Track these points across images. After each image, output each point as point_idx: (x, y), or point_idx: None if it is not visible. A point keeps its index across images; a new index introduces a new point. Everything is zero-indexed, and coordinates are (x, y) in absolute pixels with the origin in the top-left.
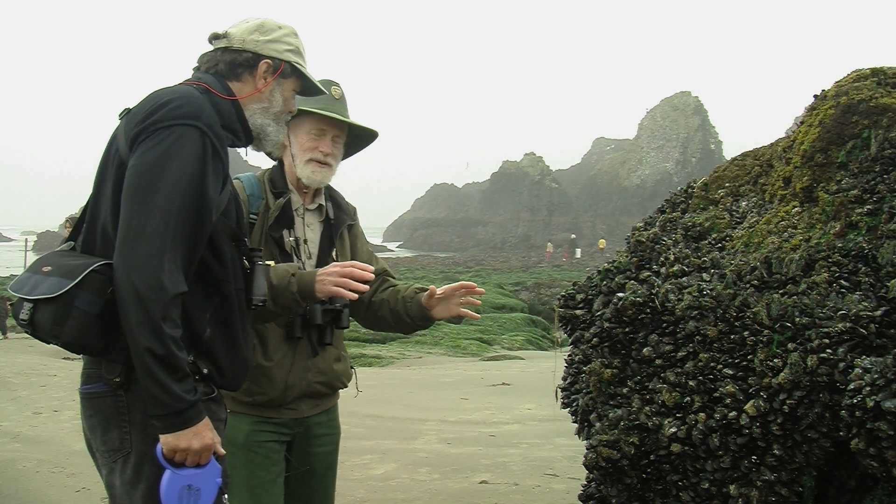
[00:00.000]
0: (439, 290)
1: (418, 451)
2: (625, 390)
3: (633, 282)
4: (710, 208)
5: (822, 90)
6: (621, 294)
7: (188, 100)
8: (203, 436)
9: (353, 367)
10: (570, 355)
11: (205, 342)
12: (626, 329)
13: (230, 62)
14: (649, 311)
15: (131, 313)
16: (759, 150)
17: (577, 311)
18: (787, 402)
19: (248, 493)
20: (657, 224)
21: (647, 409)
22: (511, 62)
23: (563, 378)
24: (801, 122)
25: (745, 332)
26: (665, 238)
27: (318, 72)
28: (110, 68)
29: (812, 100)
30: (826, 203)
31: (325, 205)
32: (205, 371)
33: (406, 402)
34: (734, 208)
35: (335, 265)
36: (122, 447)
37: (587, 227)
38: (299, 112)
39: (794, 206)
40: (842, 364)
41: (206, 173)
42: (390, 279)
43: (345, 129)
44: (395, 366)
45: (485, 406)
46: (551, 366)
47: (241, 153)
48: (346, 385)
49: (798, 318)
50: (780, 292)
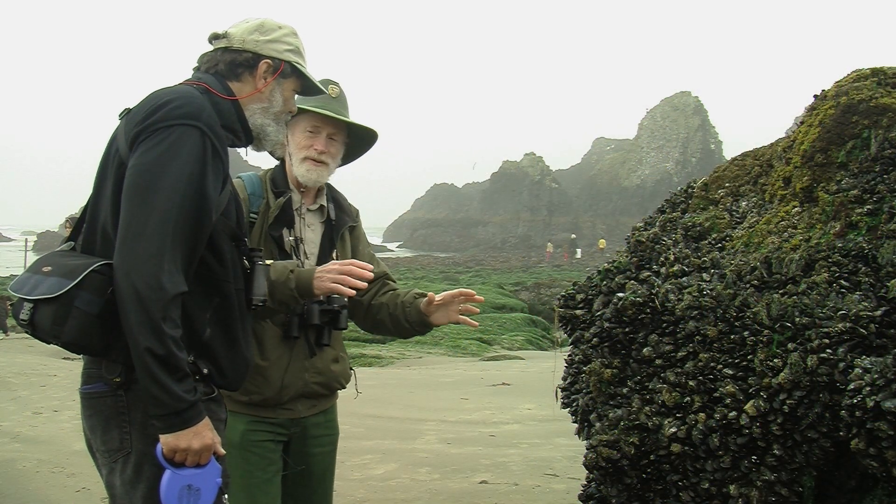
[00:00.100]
0: (438, 297)
1: (418, 451)
2: (625, 390)
3: (633, 282)
4: (710, 208)
5: (822, 90)
6: (621, 294)
7: (188, 100)
8: (203, 436)
9: (353, 368)
10: (570, 355)
11: (205, 342)
12: (626, 329)
13: (230, 62)
14: (649, 311)
15: (131, 313)
16: (759, 150)
17: (577, 311)
18: (787, 402)
19: (244, 492)
20: (657, 224)
21: (647, 409)
22: (511, 62)
23: (563, 378)
24: (801, 122)
25: (745, 332)
26: (665, 238)
27: (318, 72)
28: (110, 68)
29: (812, 100)
30: (826, 203)
31: (327, 206)
32: (205, 371)
33: (406, 402)
34: (734, 208)
35: (334, 263)
36: (122, 447)
37: (587, 227)
38: (297, 111)
39: (794, 206)
40: (842, 364)
41: (206, 173)
42: (390, 283)
43: (341, 128)
44: (395, 366)
45: (485, 406)
46: (551, 366)
47: (241, 153)
48: (344, 386)
49: (798, 318)
50: (780, 292)
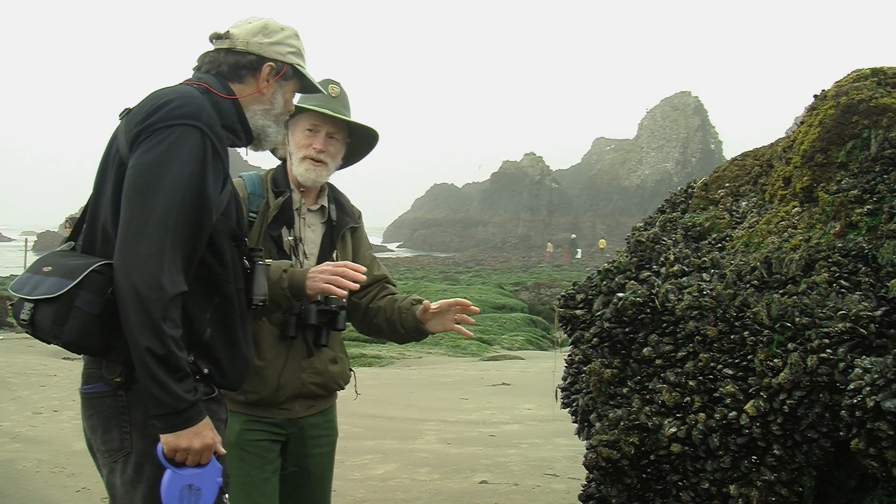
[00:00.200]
0: (434, 306)
1: (418, 451)
2: (625, 390)
3: (633, 282)
4: (710, 208)
5: (822, 90)
6: (621, 294)
7: (188, 100)
8: (203, 435)
9: (353, 369)
10: (570, 355)
11: (205, 342)
12: (626, 329)
13: (233, 64)
14: (649, 311)
15: (131, 313)
16: (759, 150)
17: (577, 311)
18: (787, 402)
19: (241, 491)
20: (657, 224)
21: (647, 409)
22: (511, 62)
23: (563, 378)
24: (801, 122)
25: (745, 332)
26: (665, 238)
27: (318, 72)
28: (110, 68)
29: (812, 100)
30: (826, 203)
31: (328, 206)
32: (205, 371)
33: (406, 402)
34: (734, 208)
35: (328, 263)
36: (122, 447)
37: (587, 227)
38: (296, 110)
39: (794, 206)
40: (842, 364)
41: (206, 173)
42: (389, 287)
43: (341, 127)
44: (395, 366)
45: (485, 406)
46: (551, 366)
47: (241, 153)
48: (342, 387)
49: (798, 318)
50: (780, 292)
